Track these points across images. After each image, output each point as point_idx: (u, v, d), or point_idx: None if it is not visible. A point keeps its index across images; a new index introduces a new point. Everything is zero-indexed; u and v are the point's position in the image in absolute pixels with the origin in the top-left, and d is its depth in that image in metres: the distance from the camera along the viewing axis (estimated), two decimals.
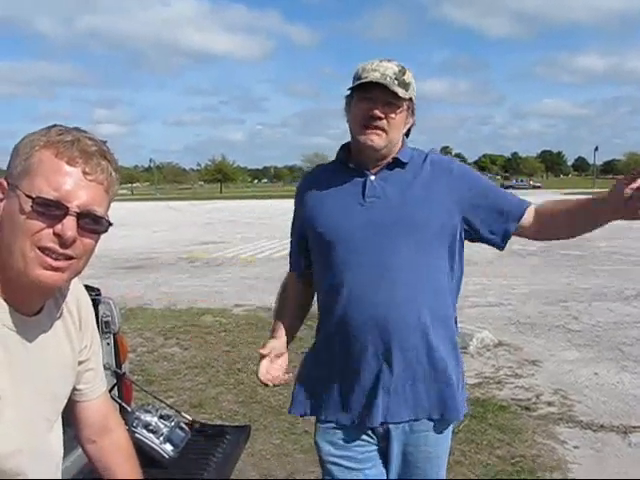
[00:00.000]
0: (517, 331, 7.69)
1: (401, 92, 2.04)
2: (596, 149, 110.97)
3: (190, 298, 9.97)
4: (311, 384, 2.21)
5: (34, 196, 1.23)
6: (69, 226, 1.25)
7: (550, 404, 5.20)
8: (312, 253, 2.23)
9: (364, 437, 2.15)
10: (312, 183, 2.26)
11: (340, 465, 2.16)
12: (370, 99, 2.05)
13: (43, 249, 1.25)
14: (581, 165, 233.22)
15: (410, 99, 2.10)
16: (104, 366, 1.74)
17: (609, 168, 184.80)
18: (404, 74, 2.08)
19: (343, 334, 2.08)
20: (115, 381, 2.74)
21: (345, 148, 2.25)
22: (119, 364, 2.76)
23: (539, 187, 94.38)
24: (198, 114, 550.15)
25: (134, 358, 6.26)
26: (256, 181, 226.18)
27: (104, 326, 2.68)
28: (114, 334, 2.75)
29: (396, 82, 2.04)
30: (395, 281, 2.03)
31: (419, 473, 2.16)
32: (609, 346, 6.92)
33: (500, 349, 6.85)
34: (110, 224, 1.34)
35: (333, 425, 2.16)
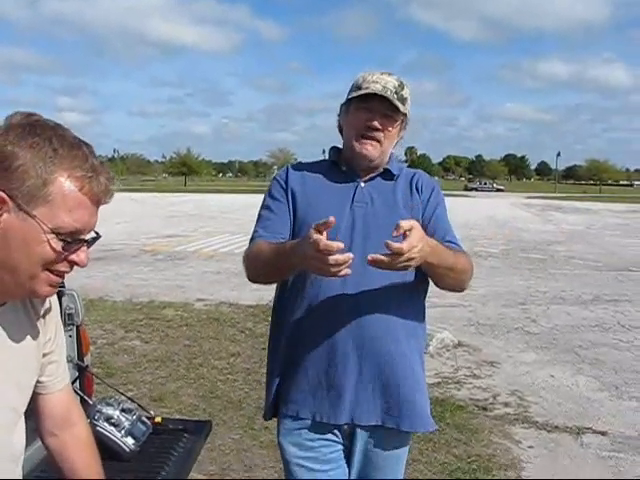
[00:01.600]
0: (476, 332, 7.81)
1: (401, 106, 2.09)
2: (558, 154, 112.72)
3: (152, 291, 9.91)
4: (280, 384, 2.19)
5: (56, 230, 1.24)
6: (86, 255, 1.31)
7: (507, 405, 5.30)
8: None
9: (329, 437, 2.15)
10: (303, 177, 2.24)
11: (304, 466, 2.16)
12: (369, 110, 2.10)
13: (55, 272, 1.29)
14: (543, 170, 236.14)
15: (405, 114, 2.15)
16: (66, 358, 1.73)
17: (570, 173, 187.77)
18: (403, 89, 2.13)
19: (315, 333, 2.09)
20: (77, 374, 2.73)
21: (337, 150, 2.28)
22: (81, 357, 2.74)
23: (502, 190, 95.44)
24: (163, 105, 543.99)
25: (94, 350, 6.18)
26: (221, 175, 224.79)
27: (67, 318, 2.67)
28: (77, 326, 2.74)
29: (395, 96, 2.09)
30: (370, 287, 2.05)
31: (379, 474, 2.18)
32: (565, 349, 7.06)
33: (459, 350, 6.95)
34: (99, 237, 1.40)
35: (298, 425, 2.15)
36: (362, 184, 2.17)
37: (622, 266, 13.81)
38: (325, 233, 1.70)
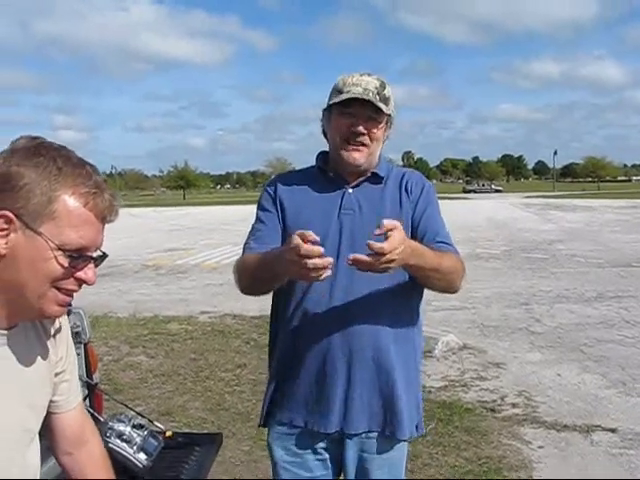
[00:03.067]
0: (481, 334, 7.81)
1: (384, 107, 2.05)
2: (555, 153, 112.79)
3: (155, 306, 9.92)
4: (275, 392, 2.21)
5: (63, 247, 1.26)
6: (94, 272, 1.34)
7: (515, 405, 5.30)
8: None
9: (318, 445, 2.16)
10: (291, 186, 2.22)
11: (290, 471, 2.19)
12: (351, 114, 2.06)
13: (64, 290, 1.31)
14: (541, 169, 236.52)
15: (389, 114, 2.11)
16: None
17: (568, 171, 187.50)
18: (384, 88, 2.09)
19: (305, 343, 2.10)
20: (86, 391, 2.74)
21: (323, 156, 2.25)
22: (90, 374, 2.75)
23: (500, 191, 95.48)
24: (158, 120, 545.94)
25: (100, 367, 6.17)
26: (219, 187, 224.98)
27: (74, 336, 2.67)
28: (84, 344, 2.75)
29: (377, 97, 2.05)
30: (359, 296, 2.05)
31: None
32: (571, 347, 7.07)
33: (465, 352, 6.95)
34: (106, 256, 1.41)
35: (289, 431, 2.17)
36: (350, 190, 2.15)
37: (624, 262, 13.80)
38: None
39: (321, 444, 2.16)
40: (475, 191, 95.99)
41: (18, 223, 1.24)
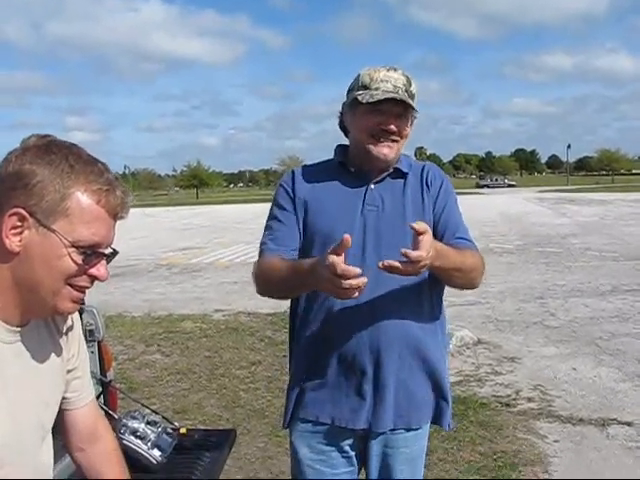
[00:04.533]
0: (495, 329, 7.79)
1: (414, 105, 2.03)
2: (569, 147, 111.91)
3: (170, 304, 9.96)
4: (300, 391, 2.18)
5: (76, 243, 1.26)
6: (106, 269, 1.33)
7: (530, 400, 5.28)
8: (305, 252, 2.12)
9: (344, 441, 2.15)
10: (310, 182, 2.17)
11: (314, 468, 2.17)
12: (381, 112, 2.02)
13: (77, 287, 1.31)
14: (554, 163, 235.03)
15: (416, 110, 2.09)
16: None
17: (582, 165, 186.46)
18: (411, 85, 2.06)
19: (332, 340, 2.08)
20: (100, 389, 2.75)
21: (342, 150, 2.22)
22: (104, 372, 2.77)
23: (514, 185, 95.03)
24: (170, 119, 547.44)
25: (115, 366, 6.22)
26: (232, 185, 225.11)
27: (88, 334, 2.69)
28: (98, 342, 2.76)
29: (407, 94, 2.02)
30: (384, 292, 2.03)
31: (397, 474, 2.17)
32: (586, 341, 7.03)
33: (479, 347, 6.94)
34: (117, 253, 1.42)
35: (311, 427, 2.15)
36: (372, 186, 2.11)
37: (639, 256, 13.71)
38: (343, 255, 1.65)
39: (347, 441, 2.15)
40: (488, 186, 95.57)
41: (31, 220, 1.25)
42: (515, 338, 7.31)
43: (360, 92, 2.04)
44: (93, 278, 1.32)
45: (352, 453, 2.18)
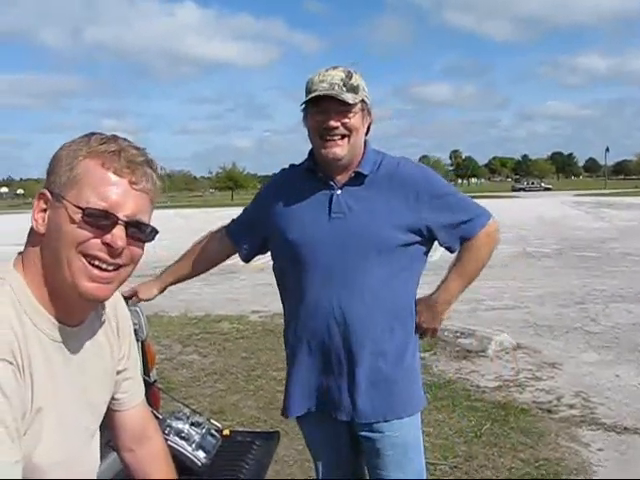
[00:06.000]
0: (535, 333, 7.67)
1: (350, 98, 2.08)
2: (607, 150, 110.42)
3: (206, 305, 10.01)
4: (291, 386, 2.38)
5: (83, 207, 1.23)
6: (119, 235, 1.26)
7: (572, 407, 5.17)
8: (276, 258, 2.39)
9: (336, 430, 2.34)
10: (281, 187, 2.34)
11: (321, 453, 2.44)
12: (322, 112, 2.11)
13: (92, 258, 1.26)
14: (592, 166, 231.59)
15: (362, 101, 2.14)
16: None
17: (620, 169, 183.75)
18: (351, 78, 2.12)
19: (308, 340, 2.24)
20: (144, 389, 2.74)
21: (312, 155, 2.29)
22: (147, 372, 2.77)
23: (550, 189, 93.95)
24: (205, 122, 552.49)
25: None
26: None
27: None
28: (142, 342, 2.76)
29: (344, 88, 2.08)
30: (353, 296, 2.14)
31: (388, 460, 2.27)
32: (629, 348, 6.88)
33: (519, 352, 6.83)
34: (157, 232, 1.35)
35: (309, 417, 2.35)
36: (338, 192, 2.18)
37: None
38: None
39: (340, 428, 2.32)
40: (524, 189, 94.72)
41: (51, 198, 1.27)
42: (555, 343, 7.19)
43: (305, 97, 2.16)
44: (106, 246, 1.26)
45: (346, 439, 2.36)
